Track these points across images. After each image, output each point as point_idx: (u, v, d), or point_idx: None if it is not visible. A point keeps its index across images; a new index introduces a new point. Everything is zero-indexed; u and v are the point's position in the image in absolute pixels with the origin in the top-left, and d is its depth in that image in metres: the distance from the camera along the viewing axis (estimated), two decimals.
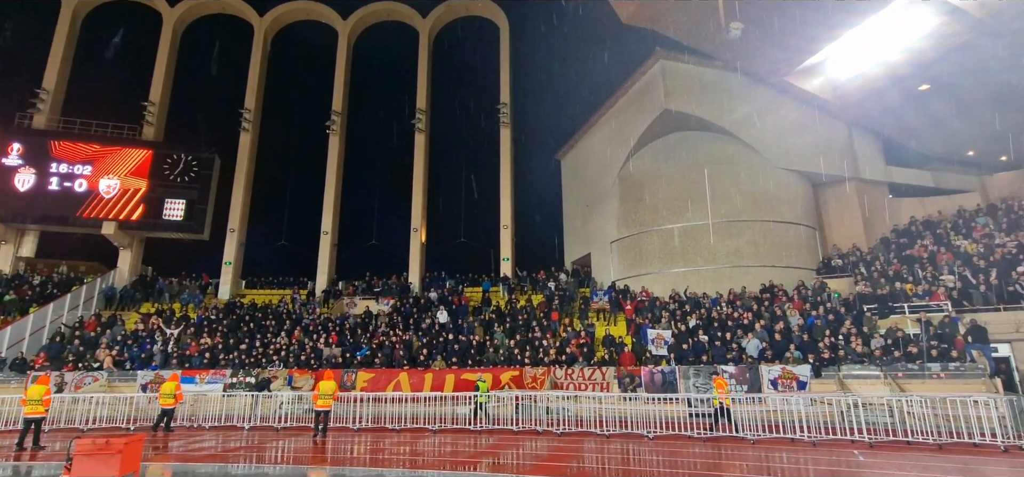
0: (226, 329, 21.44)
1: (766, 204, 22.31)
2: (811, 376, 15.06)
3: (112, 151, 26.66)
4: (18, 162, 25.61)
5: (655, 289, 22.04)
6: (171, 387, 14.59)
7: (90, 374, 18.24)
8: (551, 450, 10.97)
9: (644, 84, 24.52)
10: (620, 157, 25.35)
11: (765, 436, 11.78)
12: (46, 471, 9.63)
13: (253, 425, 14.84)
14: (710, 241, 22.17)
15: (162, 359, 19.42)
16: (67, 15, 28.99)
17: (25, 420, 11.71)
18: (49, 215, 25.67)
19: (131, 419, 15.16)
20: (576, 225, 29.60)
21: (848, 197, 23.67)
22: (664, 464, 9.50)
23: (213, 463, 9.99)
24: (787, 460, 9.73)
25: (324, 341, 20.33)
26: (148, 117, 28.27)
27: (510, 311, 22.25)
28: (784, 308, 18.48)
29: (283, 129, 31.07)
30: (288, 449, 11.59)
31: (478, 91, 30.86)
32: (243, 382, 17.86)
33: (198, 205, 26.71)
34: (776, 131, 23.16)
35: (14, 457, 10.86)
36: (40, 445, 11.69)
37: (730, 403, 13.27)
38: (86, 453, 6.67)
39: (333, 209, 28.40)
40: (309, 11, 32.04)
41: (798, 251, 22.32)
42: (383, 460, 10.19)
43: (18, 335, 20.62)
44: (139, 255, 27.60)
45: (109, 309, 24.29)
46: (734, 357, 16.53)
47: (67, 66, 28.89)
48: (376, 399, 15.21)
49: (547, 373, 17.22)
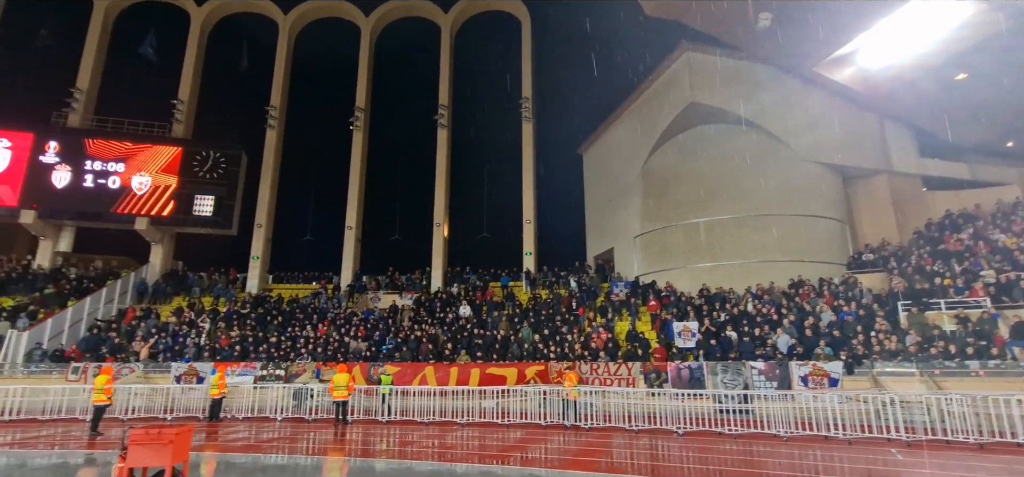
0: (255, 322, 21.90)
1: (794, 198, 21.90)
2: (843, 373, 14.78)
3: (144, 148, 27.35)
4: (55, 160, 26.44)
5: (680, 284, 21.84)
6: (218, 378, 15.02)
7: (127, 366, 18.80)
8: (581, 445, 10.99)
9: (669, 77, 24.24)
10: (644, 151, 25.12)
11: (798, 434, 11.61)
12: (103, 458, 10.03)
13: (285, 417, 15.15)
14: (737, 235, 21.86)
15: (195, 351, 19.92)
16: (99, 16, 29.76)
17: (95, 407, 12.61)
18: (85, 211, 26.46)
19: (167, 409, 15.62)
20: (598, 220, 29.45)
21: (879, 190, 23.10)
22: (698, 460, 9.44)
23: (254, 454, 10.25)
24: (824, 458, 9.59)
25: (351, 334, 20.63)
26: (177, 115, 28.91)
27: (533, 306, 22.28)
28: (814, 304, 18.15)
29: (308, 126, 31.50)
30: (322, 441, 11.83)
31: (500, 86, 30.84)
32: (273, 374, 18.23)
33: (226, 201, 27.27)
34: (805, 123, 22.69)
35: (87, 443, 11.49)
36: (98, 431, 12.35)
37: (576, 397, 13.94)
38: (139, 443, 6.89)
39: (357, 204, 28.74)
40: (332, 8, 32.36)
41: (827, 246, 21.88)
42: (416, 453, 10.33)
43: (57, 328, 21.35)
44: (170, 250, 28.32)
45: (142, 303, 24.98)
46: (764, 353, 16.31)
47: (100, 65, 29.68)
48: (404, 393, 15.38)
49: (573, 368, 17.20)
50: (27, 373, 18.33)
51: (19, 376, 18.05)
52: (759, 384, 15.40)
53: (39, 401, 15.32)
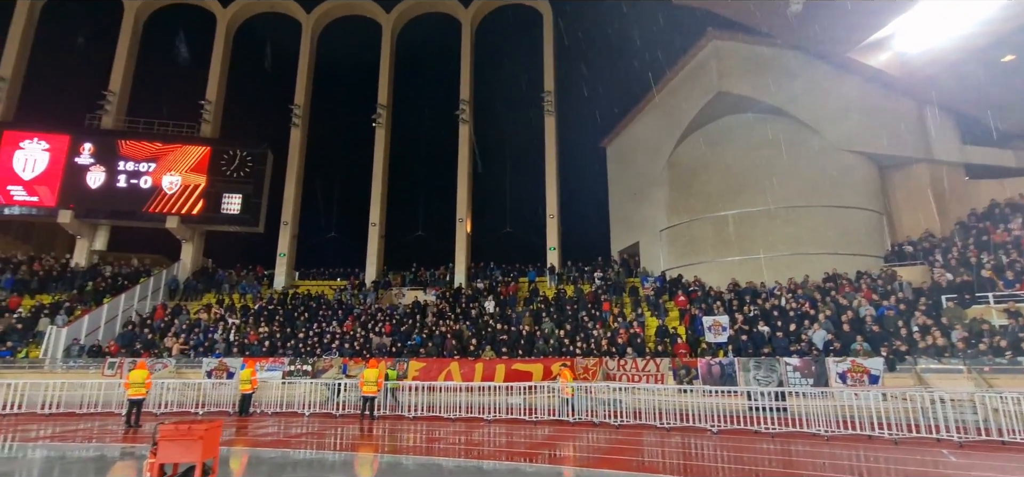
0: (282, 318, 22.16)
1: (828, 188, 21.16)
2: (884, 370, 14.19)
3: (173, 149, 27.92)
4: (89, 161, 27.18)
5: (709, 279, 21.33)
6: (248, 374, 15.22)
7: (160, 361, 19.22)
8: (613, 443, 10.73)
9: (695, 66, 23.67)
10: (669, 143, 24.60)
11: (839, 433, 11.13)
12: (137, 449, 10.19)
13: (313, 412, 15.24)
14: (768, 228, 21.23)
15: (225, 347, 20.24)
16: (130, 19, 30.46)
17: (129, 401, 12.89)
18: (119, 210, 27.16)
19: (199, 404, 15.88)
20: (623, 213, 29.00)
21: (919, 179, 22.15)
22: (738, 460, 9.10)
23: (285, 449, 10.29)
24: (871, 459, 9.14)
25: (376, 330, 20.70)
26: (205, 115, 29.44)
27: (557, 301, 22.03)
28: (851, 298, 17.48)
29: (331, 124, 31.78)
30: (350, 436, 11.83)
31: (522, 80, 30.60)
32: (300, 370, 18.41)
33: (253, 199, 27.68)
34: (839, 111, 21.90)
35: (122, 436, 11.76)
36: (139, 424, 12.64)
37: (571, 394, 13.82)
38: (170, 438, 6.91)
39: (380, 201, 28.88)
40: (353, 6, 32.52)
41: (864, 238, 21.10)
42: (448, 450, 10.22)
43: (94, 324, 21.95)
44: (200, 248, 28.90)
45: (174, 300, 25.55)
46: (799, 349, 15.77)
47: (131, 68, 30.40)
48: (430, 388, 15.32)
49: (599, 364, 16.94)
50: (66, 368, 18.89)
51: (58, 371, 18.60)
52: (794, 381, 14.91)
53: (77, 395, 15.74)
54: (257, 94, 32.25)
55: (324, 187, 31.23)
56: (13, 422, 13.71)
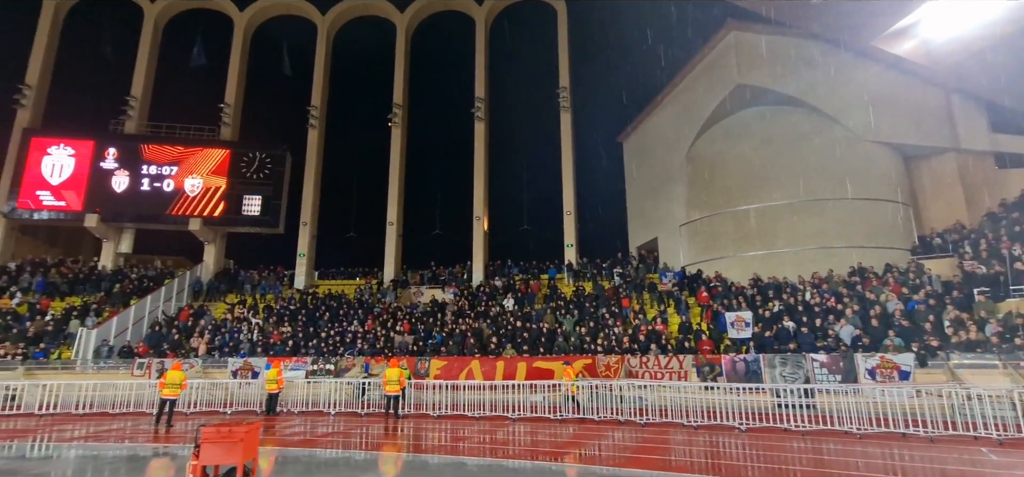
0: (305, 318, 22.41)
1: (852, 180, 20.77)
2: (915, 365, 13.91)
3: (194, 152, 28.36)
4: (114, 165, 27.73)
5: (730, 274, 21.11)
6: (274, 374, 15.42)
7: (187, 361, 19.55)
8: (641, 441, 10.68)
9: (714, 59, 23.38)
10: (688, 137, 24.36)
11: (871, 430, 10.95)
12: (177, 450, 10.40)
13: (338, 411, 15.41)
14: (790, 222, 20.92)
15: (249, 347, 20.53)
16: (149, 25, 30.94)
17: (161, 401, 13.09)
18: (143, 214, 27.67)
19: (227, 404, 16.14)
20: (641, 209, 28.79)
21: (947, 170, 21.66)
22: (771, 459, 9.00)
23: (319, 449, 10.42)
24: (907, 458, 8.98)
25: (396, 329, 20.84)
26: (225, 118, 29.84)
27: (576, 298, 21.97)
28: (878, 292, 17.16)
29: (348, 124, 32.02)
30: (376, 435, 11.94)
31: (537, 77, 30.51)
32: (323, 369, 18.61)
33: (273, 200, 28.02)
34: (862, 101, 21.46)
35: (153, 436, 11.98)
36: (171, 424, 12.92)
37: (575, 392, 14.00)
38: (211, 441, 7.02)
39: (397, 200, 29.04)
40: (368, 7, 32.65)
41: (890, 230, 20.68)
42: (476, 449, 10.26)
43: (122, 325, 22.40)
44: (222, 249, 29.33)
45: (198, 301, 25.98)
46: (825, 345, 15.53)
47: (152, 73, 30.90)
48: (454, 387, 15.39)
49: (621, 361, 16.87)
50: (97, 368, 19.31)
51: (90, 371, 19.03)
52: (821, 377, 14.69)
53: (109, 395, 16.10)
54: (275, 96, 32.57)
55: (342, 187, 31.49)
56: (50, 422, 14.07)
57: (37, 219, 27.54)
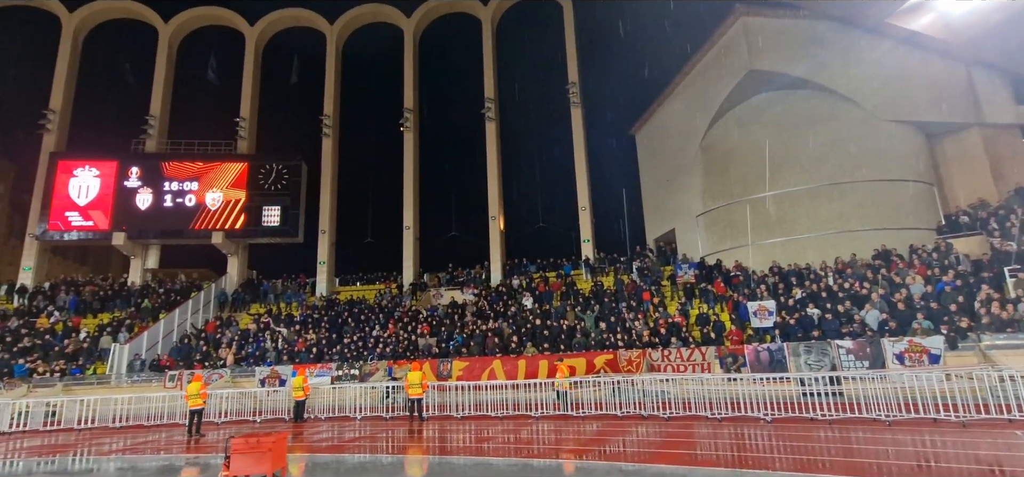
0: (327, 325, 22.78)
1: (873, 162, 20.37)
2: (945, 348, 13.63)
3: (213, 167, 28.98)
4: (137, 184, 28.49)
5: (750, 263, 20.88)
6: (300, 381, 15.74)
7: (215, 371, 20.04)
8: (665, 435, 10.68)
9: (723, 46, 23.08)
10: (701, 127, 24.11)
11: (900, 417, 10.78)
12: (208, 459, 10.71)
13: (364, 415, 15.67)
14: (810, 207, 20.61)
15: (275, 355, 20.95)
16: (164, 45, 31.65)
17: (190, 412, 13.56)
18: (167, 229, 28.41)
19: (256, 412, 16.51)
20: (656, 201, 28.61)
21: (971, 145, 21.08)
22: (798, 450, 8.93)
23: (348, 453, 10.63)
24: (938, 444, 8.83)
25: (417, 332, 21.07)
26: (241, 132, 30.42)
27: (594, 293, 21.95)
28: (904, 274, 16.83)
29: (361, 131, 32.40)
30: (402, 438, 12.13)
31: (546, 74, 30.49)
32: (348, 374, 18.91)
33: (291, 210, 28.53)
34: (879, 81, 21.02)
35: (185, 445, 12.43)
36: (201, 433, 13.31)
37: (568, 388, 14.33)
38: (241, 451, 7.25)
39: (413, 204, 29.31)
40: (375, 13, 32.95)
41: (914, 211, 20.24)
42: (500, 449, 10.37)
43: (152, 339, 23.05)
44: (245, 260, 29.94)
45: (223, 312, 26.57)
46: (851, 331, 15.29)
47: (169, 91, 31.63)
48: (476, 387, 15.54)
49: (642, 356, 16.83)
50: (130, 382, 19.91)
51: (124, 385, 19.63)
52: (848, 364, 14.48)
53: (143, 408, 16.60)
54: (288, 108, 33.08)
55: (358, 194, 31.88)
56: (89, 436, 14.56)
57: (67, 240, 28.43)
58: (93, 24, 31.88)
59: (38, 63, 30.64)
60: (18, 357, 20.79)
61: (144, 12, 31.71)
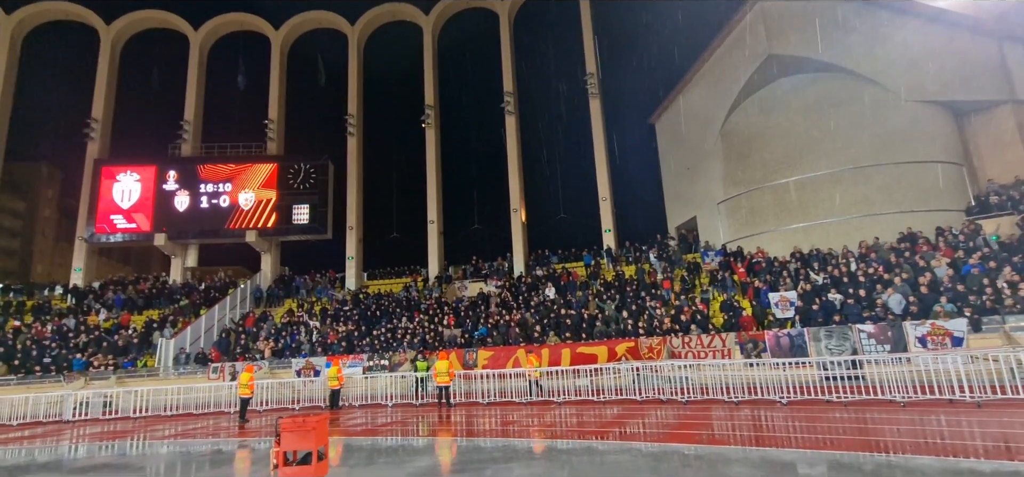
0: (357, 317, 23.73)
1: (898, 144, 20.11)
2: (968, 330, 13.61)
3: (245, 168, 30.22)
4: (175, 187, 29.95)
5: (772, 248, 20.91)
6: (334, 371, 16.64)
7: (256, 363, 21.15)
8: (682, 419, 11.09)
9: (742, 31, 22.97)
10: (720, 114, 24.07)
11: (917, 398, 10.93)
12: (257, 444, 11.59)
13: (395, 403, 16.47)
14: (833, 192, 20.49)
15: (309, 347, 21.99)
16: (195, 52, 32.97)
17: (240, 400, 14.63)
18: (204, 230, 29.83)
19: (294, 400, 17.50)
20: (677, 189, 28.65)
21: (1003, 123, 20.53)
22: (804, 430, 9.25)
23: (385, 436, 11.38)
24: (948, 422, 9.02)
25: (443, 323, 21.81)
26: (270, 133, 31.58)
27: (617, 282, 22.30)
28: (929, 258, 16.70)
29: (384, 129, 33.26)
30: (432, 423, 12.83)
31: (564, 65, 30.75)
32: (379, 365, 19.78)
33: (319, 208, 29.60)
34: (904, 60, 20.66)
35: (238, 430, 13.39)
36: (246, 419, 14.32)
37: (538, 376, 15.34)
38: (289, 430, 7.98)
39: (436, 198, 30.03)
40: (394, 12, 33.60)
41: (941, 192, 19.91)
42: (527, 431, 10.95)
43: (195, 334, 24.37)
44: (277, 257, 31.21)
45: (259, 307, 27.84)
46: (873, 315, 15.33)
47: (202, 96, 32.98)
48: (500, 375, 16.16)
49: (663, 343, 17.17)
50: (178, 374, 21.22)
51: (172, 377, 20.94)
52: (869, 348, 14.57)
53: (191, 398, 17.81)
54: (314, 108, 34.15)
55: (383, 190, 32.79)
56: (144, 423, 15.73)
57: (112, 242, 30.13)
58: (128, 35, 33.42)
59: (78, 76, 32.32)
60: (75, 352, 22.33)
61: (175, 21, 33.09)
